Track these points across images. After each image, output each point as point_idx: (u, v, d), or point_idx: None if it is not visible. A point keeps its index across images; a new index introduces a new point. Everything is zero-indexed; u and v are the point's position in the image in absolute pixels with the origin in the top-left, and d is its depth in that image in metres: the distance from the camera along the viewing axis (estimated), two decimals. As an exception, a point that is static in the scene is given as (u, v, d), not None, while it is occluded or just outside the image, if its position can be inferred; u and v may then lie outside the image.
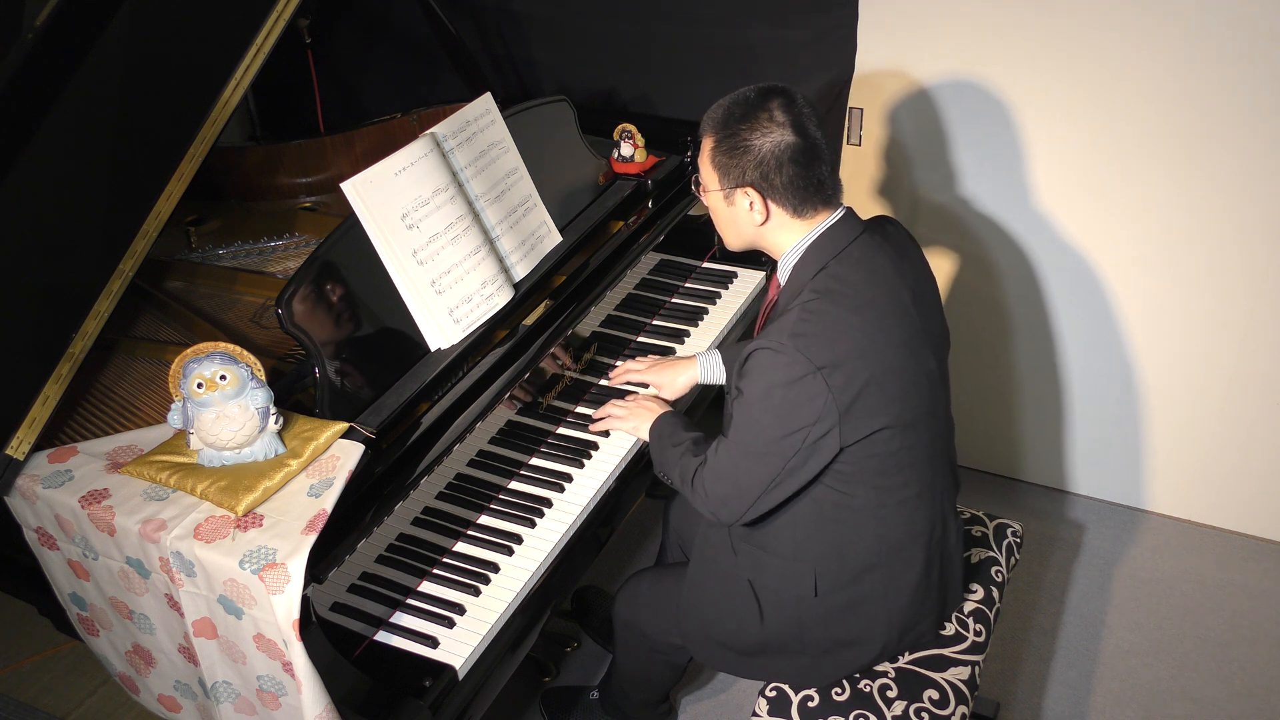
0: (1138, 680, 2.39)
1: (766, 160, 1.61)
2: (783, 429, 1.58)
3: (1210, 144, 2.27)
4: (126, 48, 1.90)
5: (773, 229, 1.68)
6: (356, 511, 1.62)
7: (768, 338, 1.58)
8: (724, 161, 1.65)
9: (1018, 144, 2.45)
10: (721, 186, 1.67)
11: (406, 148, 1.83)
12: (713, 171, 1.68)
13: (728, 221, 1.72)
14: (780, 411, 1.58)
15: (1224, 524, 2.75)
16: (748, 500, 1.66)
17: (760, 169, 1.62)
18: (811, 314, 1.58)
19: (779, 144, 1.60)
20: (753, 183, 1.64)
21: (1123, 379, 2.64)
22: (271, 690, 1.61)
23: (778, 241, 1.70)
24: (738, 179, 1.65)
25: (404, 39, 2.96)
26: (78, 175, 1.87)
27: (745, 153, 1.62)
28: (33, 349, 1.76)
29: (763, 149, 1.61)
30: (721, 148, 1.65)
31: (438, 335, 1.86)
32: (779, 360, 1.56)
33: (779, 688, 1.82)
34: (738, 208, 1.67)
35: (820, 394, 1.55)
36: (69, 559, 1.74)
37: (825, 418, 1.57)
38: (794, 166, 1.61)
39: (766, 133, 1.61)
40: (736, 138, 1.62)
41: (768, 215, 1.66)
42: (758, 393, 1.59)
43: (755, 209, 1.65)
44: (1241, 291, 2.40)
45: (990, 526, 2.12)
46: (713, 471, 1.69)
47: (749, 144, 1.62)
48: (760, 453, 1.61)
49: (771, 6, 2.46)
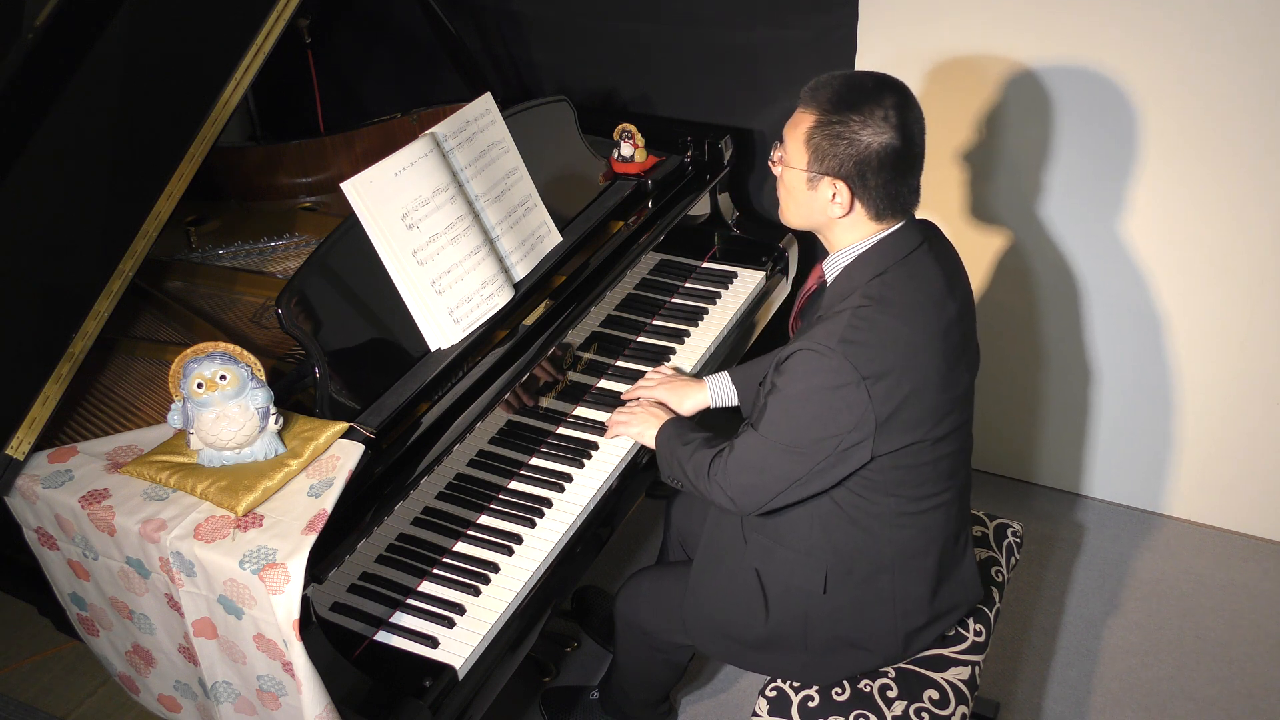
0: (1138, 680, 2.39)
1: (869, 159, 1.54)
2: (819, 432, 1.57)
3: (1225, 148, 2.26)
4: (126, 48, 1.90)
5: (845, 224, 1.62)
6: (356, 511, 1.62)
7: (814, 339, 1.55)
8: (822, 145, 1.56)
9: (1022, 144, 2.45)
10: (809, 168, 1.59)
11: (406, 148, 1.83)
12: (805, 150, 1.58)
13: (801, 203, 1.64)
14: (819, 414, 1.57)
15: (1224, 524, 2.75)
16: (770, 493, 1.65)
17: (860, 166, 1.54)
18: (863, 320, 1.54)
19: (886, 146, 1.53)
20: (846, 176, 1.56)
21: (1125, 381, 2.64)
22: (271, 690, 1.61)
23: (841, 236, 1.64)
24: (832, 168, 1.56)
25: (404, 39, 2.96)
26: (78, 175, 1.87)
27: (850, 144, 1.53)
28: (33, 349, 1.76)
29: (869, 146, 1.53)
30: (824, 130, 1.55)
31: (438, 335, 1.86)
32: (825, 364, 1.54)
33: (779, 687, 1.82)
34: (819, 194, 1.60)
35: (861, 403, 1.54)
36: (69, 559, 1.74)
37: (861, 426, 1.55)
38: (892, 172, 1.55)
39: (878, 130, 1.52)
40: (845, 125, 1.53)
41: (849, 211, 1.60)
42: (798, 392, 1.58)
43: (839, 201, 1.59)
44: (1243, 295, 2.40)
45: (990, 526, 2.12)
46: (738, 460, 1.67)
47: (856, 137, 1.53)
48: (792, 450, 1.60)
49: (771, 6, 2.46)
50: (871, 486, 1.65)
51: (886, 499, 1.66)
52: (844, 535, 1.70)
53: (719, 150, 2.46)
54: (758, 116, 2.64)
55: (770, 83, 2.58)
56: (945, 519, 1.73)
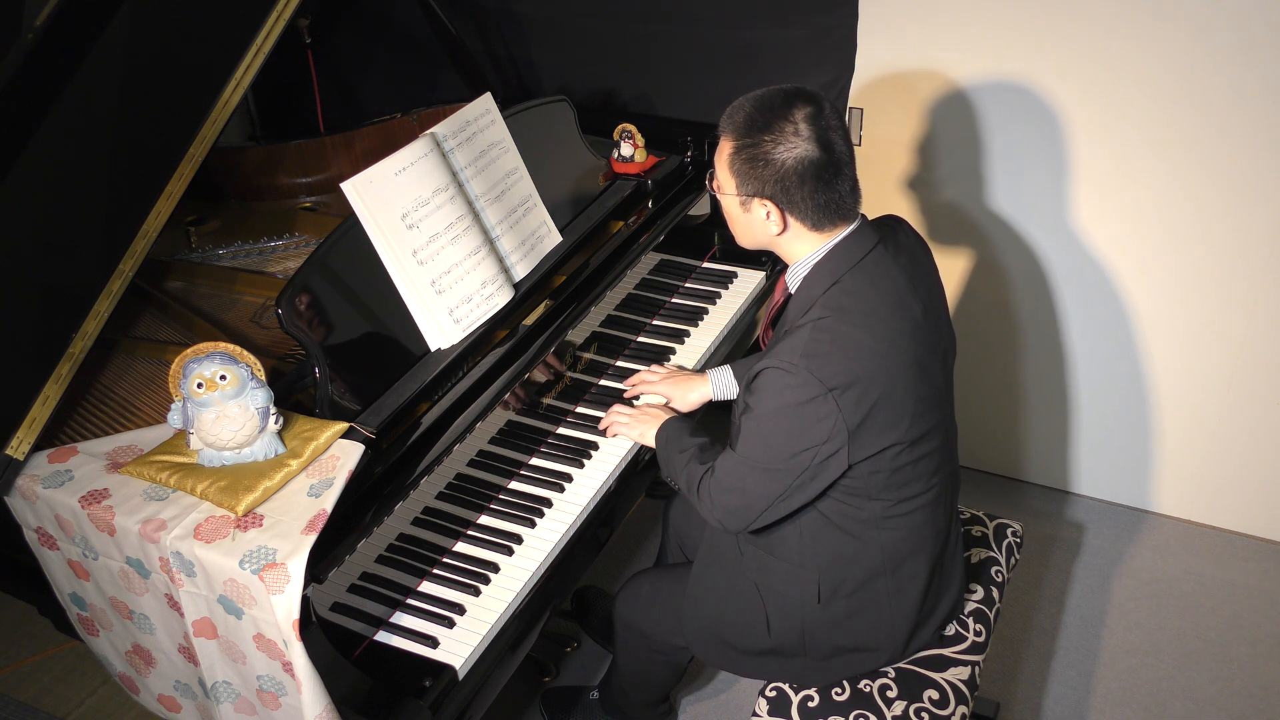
0: (1138, 680, 2.39)
1: (788, 175, 1.56)
2: (792, 448, 1.58)
3: (1216, 146, 2.27)
4: (126, 48, 1.90)
5: (788, 239, 1.64)
6: (356, 511, 1.62)
7: (778, 357, 1.56)
8: (743, 169, 1.59)
9: (1020, 143, 2.45)
10: (739, 193, 1.62)
11: (406, 148, 1.83)
12: (730, 177, 1.62)
13: (743, 226, 1.68)
14: (790, 431, 1.57)
15: (1224, 524, 2.75)
16: (754, 512, 1.66)
17: (780, 183, 1.57)
18: (823, 333, 1.55)
19: (802, 159, 1.54)
20: (772, 195, 1.59)
21: (1123, 379, 2.64)
22: (271, 690, 1.61)
23: (792, 250, 1.66)
24: (756, 189, 1.59)
25: (404, 39, 2.96)
26: (78, 175, 1.87)
27: (766, 165, 1.56)
28: (33, 349, 1.76)
29: (785, 163, 1.55)
30: (741, 155, 1.58)
31: (438, 335, 1.86)
32: (790, 380, 1.54)
33: (779, 687, 1.82)
34: (754, 215, 1.63)
35: (831, 415, 1.54)
36: (69, 559, 1.74)
37: (834, 438, 1.56)
38: (815, 182, 1.56)
39: (790, 146, 1.54)
40: (758, 147, 1.56)
41: (785, 227, 1.62)
42: (768, 411, 1.58)
43: (772, 219, 1.61)
44: (1241, 293, 2.40)
45: (990, 526, 2.12)
46: (719, 483, 1.68)
47: (770, 156, 1.55)
48: (769, 469, 1.61)
49: (771, 6, 2.46)
50: (855, 493, 1.65)
51: (871, 504, 1.66)
52: (834, 544, 1.70)
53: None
54: (758, 116, 2.64)
55: (770, 83, 2.53)
56: (933, 517, 1.73)
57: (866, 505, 1.66)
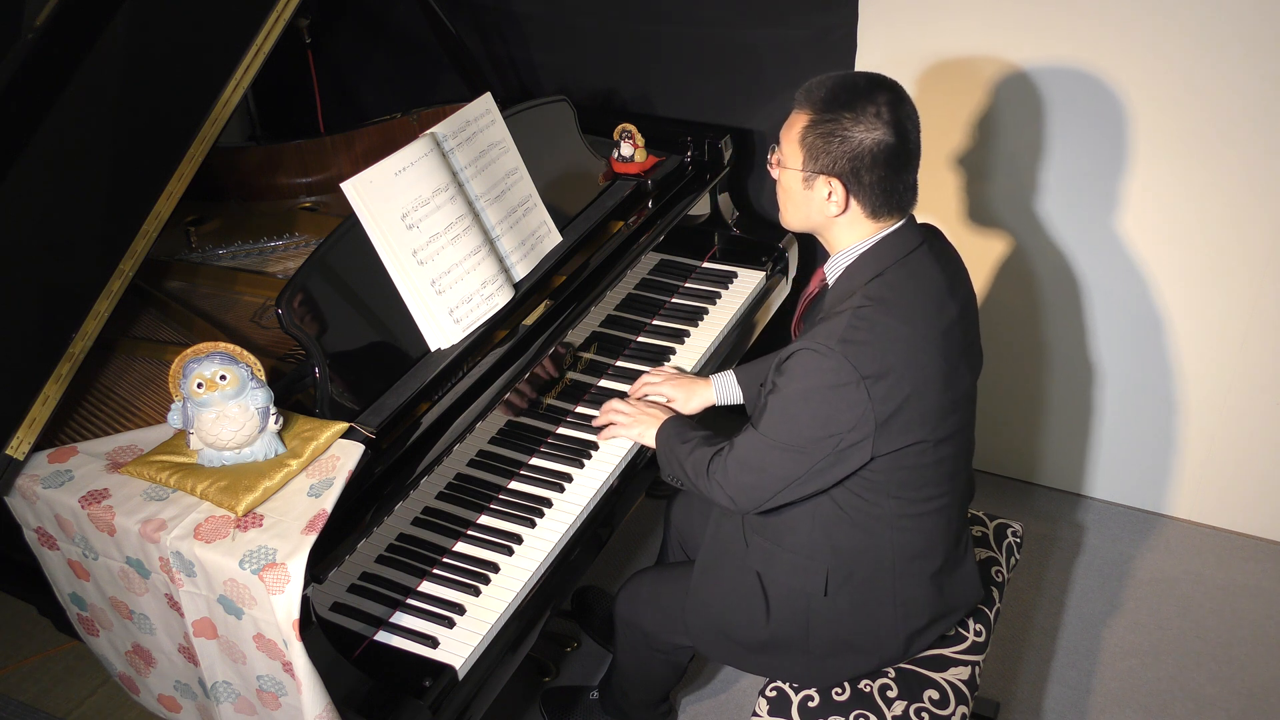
0: (1138, 680, 2.39)
1: (863, 155, 1.55)
2: (818, 431, 1.57)
3: (1215, 143, 2.27)
4: (126, 48, 1.90)
5: (842, 223, 1.63)
6: (356, 511, 1.62)
7: (814, 339, 1.56)
8: (816, 144, 1.57)
9: (1022, 144, 2.45)
10: (804, 168, 1.60)
11: (406, 148, 1.83)
12: (799, 150, 1.60)
13: (799, 203, 1.65)
14: (819, 413, 1.57)
15: (1224, 524, 2.75)
16: (770, 491, 1.65)
17: (853, 163, 1.56)
18: (863, 320, 1.55)
19: (879, 142, 1.54)
20: (840, 174, 1.57)
21: (1126, 381, 2.64)
22: (271, 690, 1.61)
23: (840, 236, 1.65)
24: (826, 166, 1.57)
25: (404, 39, 2.96)
26: (78, 175, 1.87)
27: (843, 141, 1.55)
28: (33, 349, 1.76)
29: (863, 143, 1.54)
30: (818, 129, 1.56)
31: (438, 335, 1.86)
32: (825, 364, 1.54)
33: (779, 687, 1.82)
34: (815, 193, 1.61)
35: (861, 403, 1.54)
36: (69, 559, 1.74)
37: (861, 426, 1.56)
38: (886, 169, 1.56)
39: (870, 127, 1.54)
40: (837, 123, 1.55)
41: (844, 209, 1.61)
42: (797, 392, 1.58)
43: (834, 200, 1.60)
44: (1244, 294, 2.40)
45: (990, 526, 2.12)
46: (737, 459, 1.67)
47: (848, 134, 1.54)
48: (791, 448, 1.60)
49: (771, 6, 2.46)
50: (872, 488, 1.65)
51: (888, 500, 1.66)
52: (845, 537, 1.70)
53: (719, 150, 2.47)
54: (757, 116, 2.64)
55: (770, 83, 2.58)
56: (946, 521, 1.73)
57: (883, 502, 1.66)
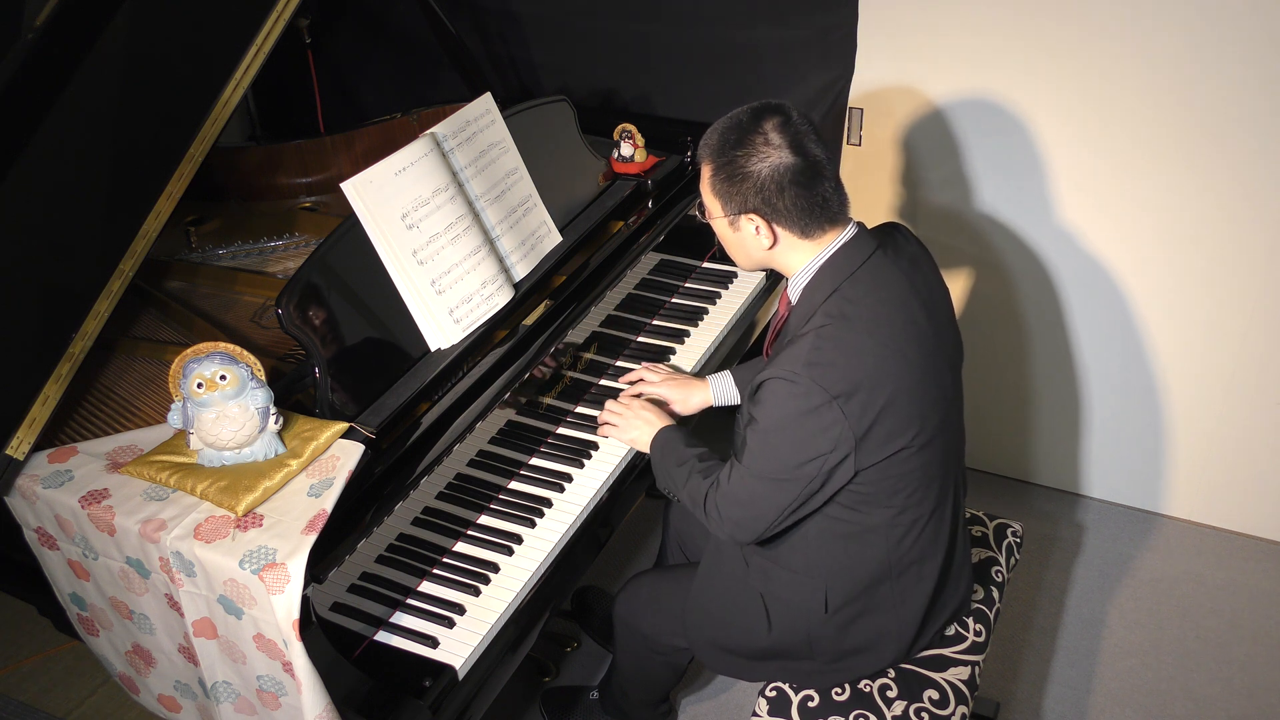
0: (1138, 680, 2.39)
1: (766, 185, 1.58)
2: (800, 457, 1.57)
3: (1207, 145, 2.27)
4: (126, 48, 1.90)
5: (782, 251, 1.65)
6: (356, 511, 1.62)
7: (781, 366, 1.56)
8: (724, 189, 1.62)
9: (1019, 144, 2.45)
10: (725, 214, 1.64)
11: (406, 148, 1.83)
12: (715, 199, 1.64)
13: (736, 247, 1.70)
14: (797, 440, 1.57)
15: (1224, 524, 2.75)
16: (765, 522, 1.65)
17: (761, 194, 1.58)
18: (826, 341, 1.55)
19: (777, 167, 1.57)
20: (755, 209, 1.60)
21: (1123, 381, 2.64)
22: (271, 690, 1.61)
23: (788, 262, 1.67)
24: (740, 206, 1.61)
25: (404, 39, 2.96)
26: (78, 175, 1.87)
27: (744, 179, 1.58)
28: (33, 349, 1.76)
29: (761, 174, 1.57)
30: (720, 175, 1.61)
31: (438, 335, 1.86)
32: (794, 390, 1.54)
33: (779, 687, 1.82)
34: (744, 233, 1.65)
35: (837, 422, 1.54)
36: (69, 559, 1.74)
37: (841, 445, 1.55)
38: (796, 188, 1.57)
39: (764, 157, 1.57)
40: (734, 165, 1.59)
41: (775, 239, 1.63)
42: (773, 422, 1.58)
43: (761, 234, 1.62)
44: (1240, 294, 2.40)
45: (990, 526, 2.12)
46: (726, 496, 1.68)
47: (747, 170, 1.58)
48: (777, 479, 1.60)
49: (771, 6, 2.46)
50: (862, 500, 1.65)
51: (879, 510, 1.66)
52: (841, 551, 1.70)
53: (719, 150, 2.46)
54: (758, 116, 2.64)
55: (771, 82, 2.58)
56: (940, 521, 1.72)
57: (875, 512, 1.66)
